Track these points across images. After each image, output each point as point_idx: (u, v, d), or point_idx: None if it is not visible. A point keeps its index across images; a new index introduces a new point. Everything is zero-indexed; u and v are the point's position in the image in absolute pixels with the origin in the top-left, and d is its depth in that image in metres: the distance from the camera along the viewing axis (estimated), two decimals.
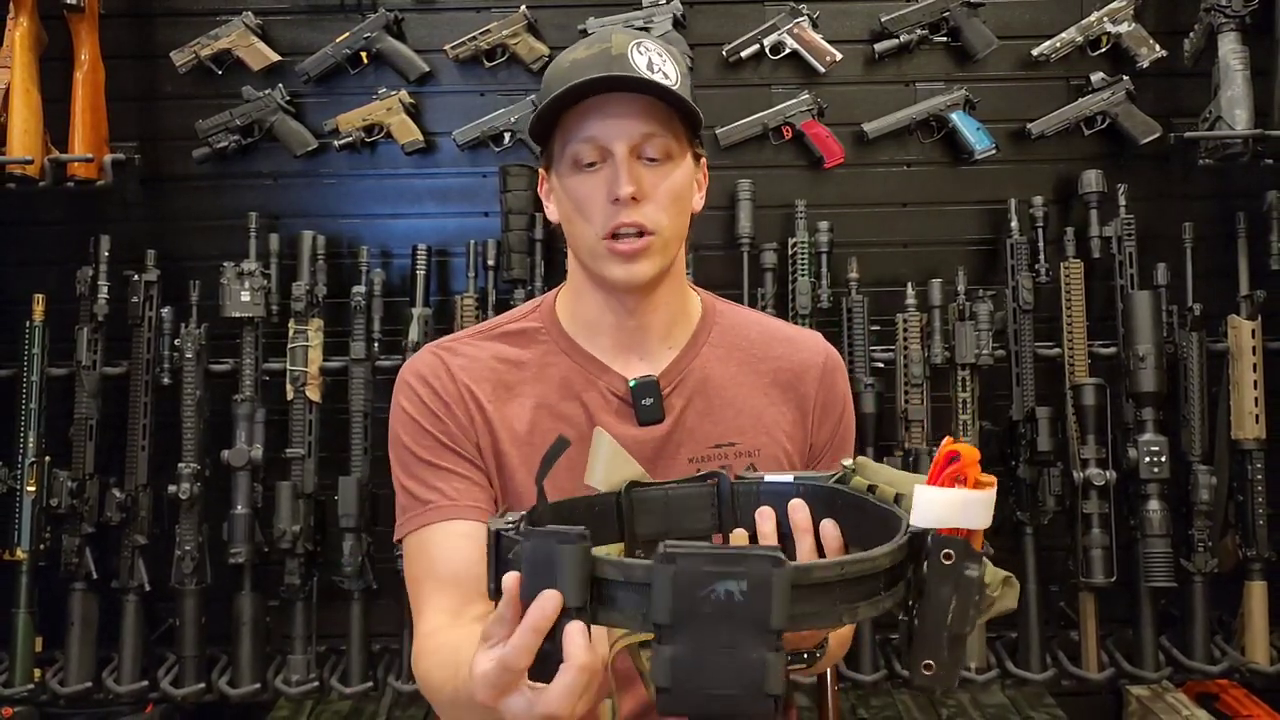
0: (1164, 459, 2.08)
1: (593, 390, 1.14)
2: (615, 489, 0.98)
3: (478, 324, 1.25)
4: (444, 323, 2.22)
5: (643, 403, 1.13)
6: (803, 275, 2.20)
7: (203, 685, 2.15)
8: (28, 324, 2.18)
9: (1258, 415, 2.15)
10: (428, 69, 2.32)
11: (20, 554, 2.12)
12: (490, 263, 2.24)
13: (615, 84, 1.04)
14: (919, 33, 2.29)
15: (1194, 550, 2.12)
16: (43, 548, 2.15)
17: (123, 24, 2.32)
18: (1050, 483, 2.13)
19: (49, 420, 2.18)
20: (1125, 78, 2.26)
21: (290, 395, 2.18)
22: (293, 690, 2.15)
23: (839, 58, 2.29)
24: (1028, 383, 2.19)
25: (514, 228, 2.22)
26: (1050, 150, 2.32)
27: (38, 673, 2.15)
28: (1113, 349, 2.20)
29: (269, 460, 2.16)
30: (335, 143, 2.30)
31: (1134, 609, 2.15)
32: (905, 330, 2.18)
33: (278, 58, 2.29)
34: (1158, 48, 2.26)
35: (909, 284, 2.21)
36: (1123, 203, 2.21)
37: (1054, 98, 2.32)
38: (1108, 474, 2.09)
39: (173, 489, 2.12)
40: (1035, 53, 2.29)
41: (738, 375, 1.19)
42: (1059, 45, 2.28)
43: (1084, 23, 2.28)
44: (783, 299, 2.24)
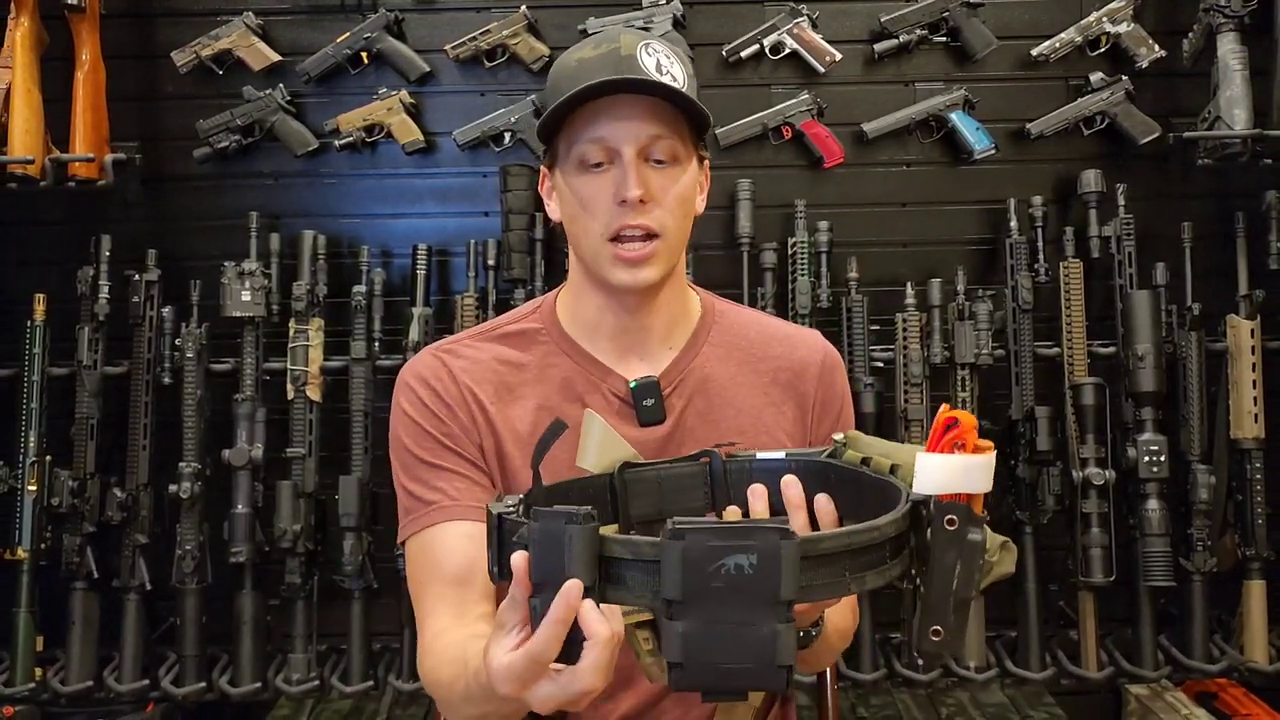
0: (1163, 458, 2.09)
1: (594, 392, 1.14)
2: (608, 470, 0.98)
3: (478, 325, 1.25)
4: (444, 322, 2.23)
5: (644, 403, 1.13)
6: (802, 275, 2.20)
7: (203, 684, 2.15)
8: (29, 324, 2.18)
9: (1256, 415, 2.15)
10: (428, 69, 2.32)
11: (21, 553, 2.13)
12: (490, 262, 2.25)
13: (626, 86, 1.04)
14: (918, 33, 2.30)
15: (1193, 549, 2.13)
16: (44, 547, 2.15)
17: (124, 24, 2.32)
18: (1049, 482, 2.13)
19: (50, 420, 2.18)
20: (1124, 78, 2.26)
21: (291, 395, 2.18)
22: (293, 689, 2.15)
23: (839, 58, 2.29)
24: (1027, 382, 2.19)
25: (514, 227, 2.22)
26: (1049, 150, 2.32)
27: (39, 672, 2.15)
28: (1112, 348, 2.21)
29: (269, 460, 2.17)
30: (336, 143, 2.31)
31: (1133, 608, 2.15)
32: (905, 330, 2.18)
33: (278, 58, 2.30)
34: (1157, 48, 2.27)
35: (908, 284, 2.21)
36: (1122, 202, 2.21)
37: (1053, 98, 2.32)
38: (1107, 473, 2.10)
39: (173, 488, 2.12)
40: (1034, 53, 2.29)
41: (737, 375, 1.19)
42: (1058, 45, 2.28)
43: (1083, 23, 2.28)
44: (782, 299, 2.24)
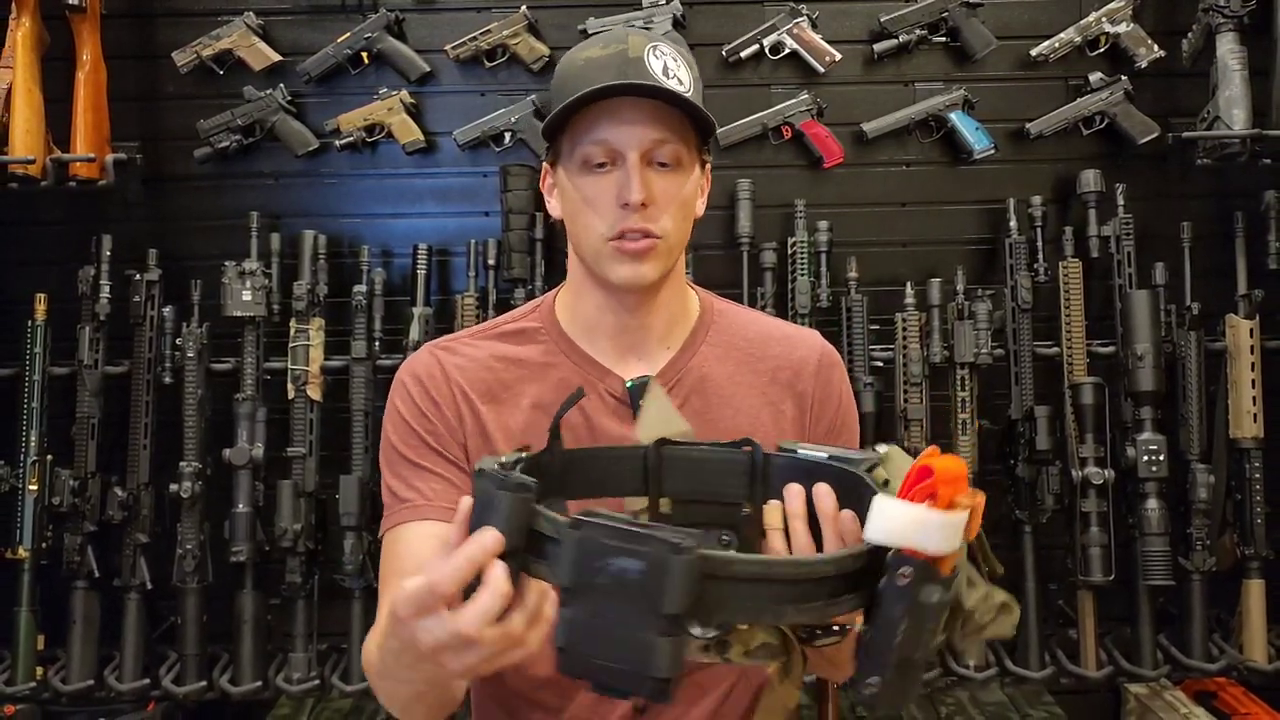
0: (1162, 458, 2.09)
1: (591, 391, 1.14)
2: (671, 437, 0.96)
3: (479, 324, 1.25)
4: (444, 322, 2.23)
5: (640, 403, 1.13)
6: (802, 275, 2.21)
7: (204, 683, 2.15)
8: (30, 323, 2.18)
9: (1255, 414, 2.15)
10: (428, 69, 2.32)
11: (22, 552, 2.13)
12: (491, 262, 2.25)
13: (634, 90, 1.04)
14: (918, 33, 2.30)
15: (1192, 549, 2.13)
16: (45, 546, 2.15)
17: (124, 24, 2.32)
18: (1049, 481, 2.13)
19: (51, 419, 2.18)
20: (1123, 78, 2.26)
21: (291, 394, 2.18)
22: (294, 688, 2.15)
23: (838, 58, 2.30)
24: (1026, 382, 2.19)
25: (514, 227, 2.23)
26: (1049, 150, 2.33)
27: (40, 671, 2.15)
28: (1111, 348, 2.21)
29: (270, 459, 2.17)
30: (336, 142, 2.31)
31: (1132, 607, 2.16)
32: (904, 329, 2.19)
33: (279, 58, 2.30)
34: (1156, 48, 2.27)
35: (908, 283, 2.21)
36: (1121, 202, 2.21)
37: (1053, 98, 2.33)
38: (1106, 473, 2.10)
39: (174, 487, 2.12)
40: (1034, 53, 2.29)
41: (735, 374, 1.18)
42: (1058, 45, 2.29)
43: (1082, 23, 2.28)
44: (782, 298, 2.24)
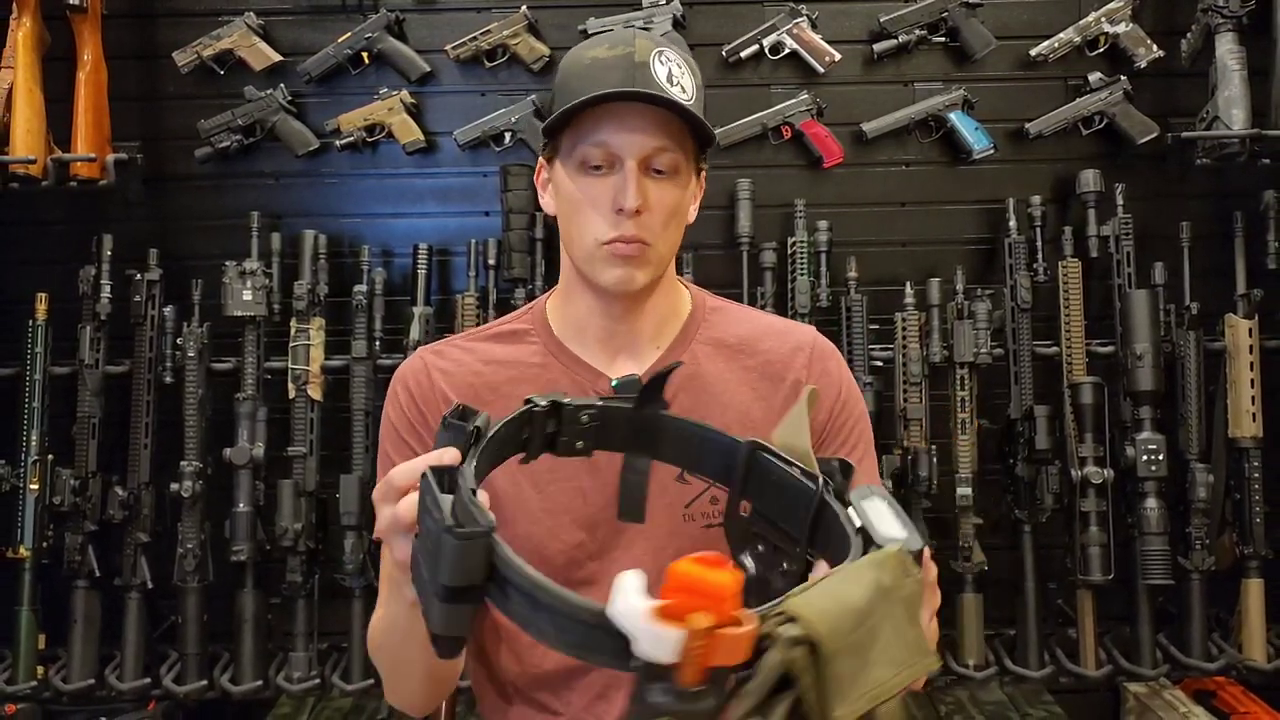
0: (1161, 457, 2.09)
1: (576, 391, 1.14)
2: (783, 446, 0.87)
3: (477, 326, 1.26)
4: (445, 321, 2.23)
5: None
6: (802, 274, 2.21)
7: (205, 682, 2.15)
8: (30, 323, 2.19)
9: (1255, 414, 2.15)
10: (429, 69, 2.32)
11: (23, 552, 2.13)
12: (491, 262, 2.25)
13: (639, 97, 1.04)
14: (918, 33, 2.30)
15: (1191, 548, 2.13)
16: (45, 545, 2.15)
17: (125, 24, 2.32)
18: (1048, 481, 2.14)
19: (52, 418, 2.19)
20: (1123, 78, 2.27)
21: (292, 394, 2.18)
22: (294, 687, 2.16)
23: (838, 58, 2.30)
24: (1026, 381, 2.19)
25: (515, 227, 2.23)
26: (1048, 150, 2.33)
27: (40, 670, 2.16)
28: (1110, 348, 2.21)
29: (271, 458, 2.17)
30: (337, 142, 2.31)
31: (1132, 606, 2.16)
32: (904, 329, 2.19)
33: (279, 58, 2.30)
34: (1155, 48, 2.27)
35: (908, 283, 2.22)
36: (1120, 202, 2.21)
37: (1052, 98, 2.33)
38: (1105, 472, 2.10)
39: (175, 487, 2.13)
40: (1033, 53, 2.29)
41: (725, 372, 1.18)
42: (1057, 45, 2.29)
43: (1082, 23, 2.29)
44: (782, 298, 2.24)
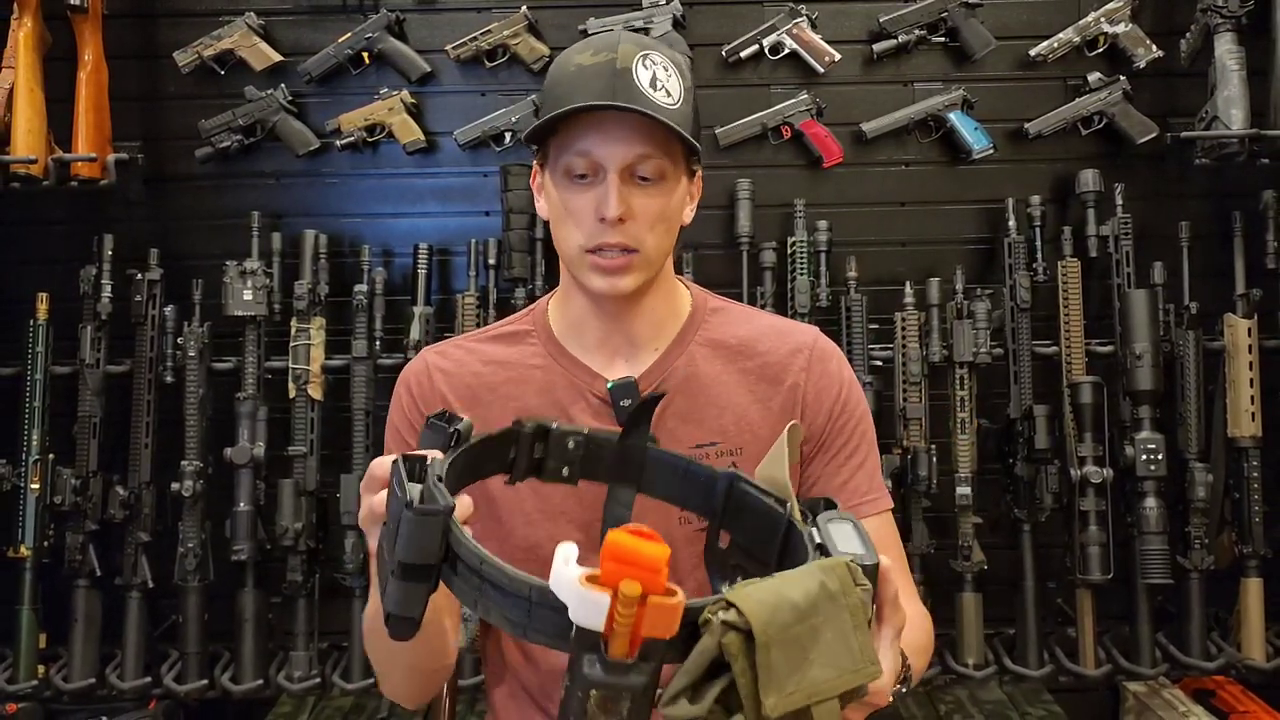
0: (1161, 457, 2.10)
1: (577, 394, 1.15)
2: (764, 481, 0.91)
3: (478, 326, 1.26)
4: (445, 321, 2.23)
5: (620, 404, 1.12)
6: (802, 274, 2.21)
7: (205, 682, 2.15)
8: (31, 322, 2.19)
9: (1254, 413, 2.16)
10: (429, 69, 2.33)
11: (24, 551, 2.14)
12: (491, 262, 2.25)
13: (612, 109, 1.04)
14: (917, 33, 2.30)
15: (1190, 547, 2.13)
16: (46, 545, 2.16)
17: (126, 24, 2.33)
18: (1048, 480, 2.14)
19: (53, 418, 2.19)
20: (1122, 78, 2.27)
21: (292, 393, 2.19)
22: (295, 686, 2.16)
23: (838, 58, 2.30)
24: (1025, 381, 2.20)
25: (515, 227, 2.23)
26: (1047, 150, 2.33)
27: (41, 669, 2.16)
28: (1110, 347, 2.21)
29: (271, 458, 2.17)
30: (337, 142, 2.31)
31: (1131, 606, 2.16)
32: (904, 329, 2.19)
33: (280, 58, 2.31)
34: (1154, 48, 2.28)
35: (907, 283, 2.22)
36: (1119, 202, 2.22)
37: (1051, 98, 2.33)
38: (1105, 472, 2.10)
39: (175, 486, 2.13)
40: (1033, 53, 2.30)
41: (723, 374, 1.17)
42: (1056, 45, 2.29)
43: (1081, 23, 2.29)
44: (782, 298, 2.24)
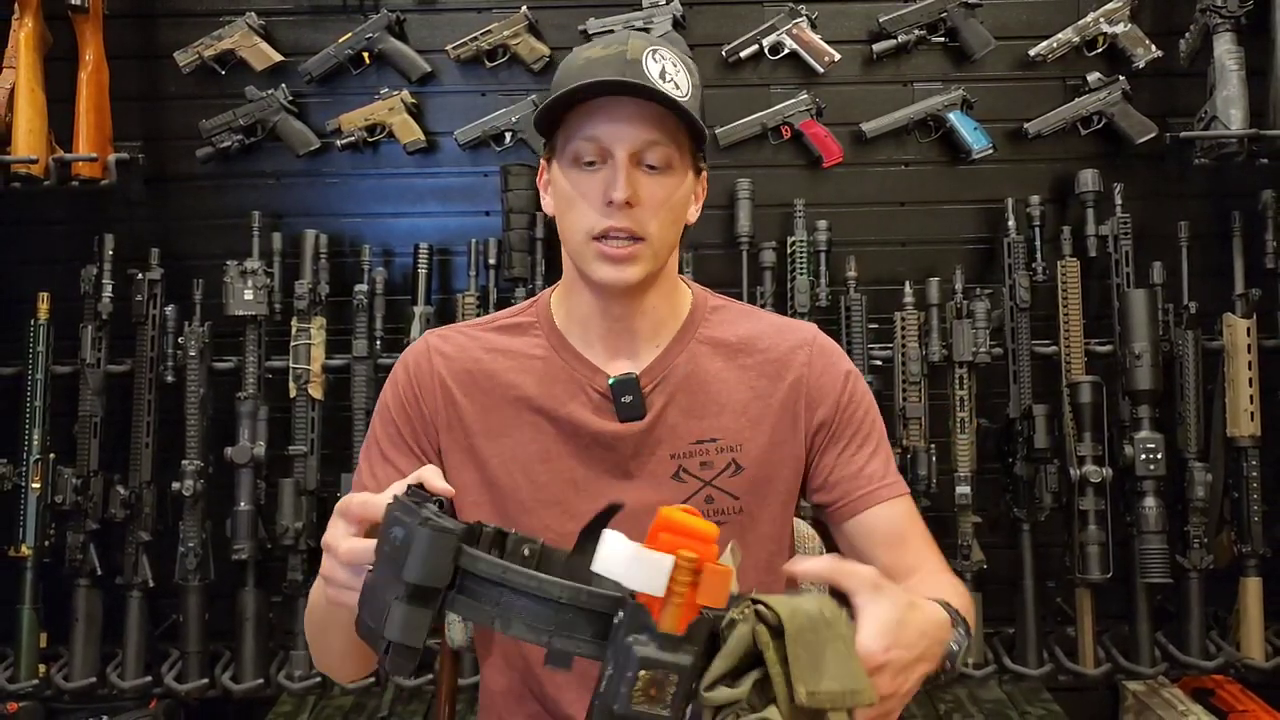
0: (1160, 456, 2.10)
1: (574, 386, 1.15)
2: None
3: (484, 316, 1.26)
4: (445, 321, 2.23)
5: (622, 400, 1.13)
6: (801, 274, 2.22)
7: (206, 681, 2.16)
8: (32, 322, 2.19)
9: (1253, 413, 2.16)
10: (429, 69, 2.33)
11: (25, 550, 2.14)
12: (491, 261, 2.26)
13: (625, 88, 1.04)
14: (917, 33, 2.31)
15: (1189, 546, 2.14)
16: (47, 544, 2.16)
17: (127, 24, 2.33)
18: (1047, 480, 2.14)
19: (54, 418, 2.19)
20: (1121, 78, 2.27)
21: (293, 393, 2.19)
22: (295, 685, 2.16)
23: (837, 58, 2.30)
24: (1025, 380, 2.20)
25: (515, 226, 2.24)
26: (1047, 150, 2.34)
27: (42, 668, 2.16)
28: (1109, 347, 2.22)
29: (272, 457, 2.18)
30: (337, 142, 2.32)
31: (1130, 605, 2.17)
32: (903, 328, 2.20)
33: (280, 58, 2.31)
34: (1154, 48, 2.28)
35: (907, 282, 2.22)
36: (1119, 202, 2.22)
37: (1051, 98, 2.33)
38: (1104, 471, 2.10)
39: (176, 486, 2.13)
40: (1032, 53, 2.30)
41: (723, 371, 1.17)
42: (1056, 46, 2.29)
43: (1080, 23, 2.29)
44: (782, 297, 2.25)
